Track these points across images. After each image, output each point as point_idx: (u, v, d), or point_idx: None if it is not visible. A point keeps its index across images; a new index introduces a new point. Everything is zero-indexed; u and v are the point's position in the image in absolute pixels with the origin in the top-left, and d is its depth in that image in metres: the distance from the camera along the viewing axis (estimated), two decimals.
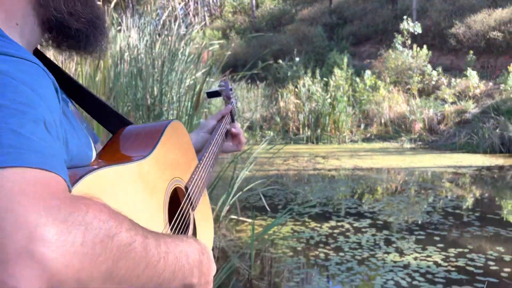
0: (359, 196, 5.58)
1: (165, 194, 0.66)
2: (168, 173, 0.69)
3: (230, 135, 1.15)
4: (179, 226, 0.71)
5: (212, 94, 1.25)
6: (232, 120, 1.19)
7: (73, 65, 2.57)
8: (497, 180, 6.62)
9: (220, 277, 3.11)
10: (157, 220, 0.62)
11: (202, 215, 0.85)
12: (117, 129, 0.75)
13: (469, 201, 5.25)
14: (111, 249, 0.39)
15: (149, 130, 0.72)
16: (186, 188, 0.75)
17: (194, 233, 0.78)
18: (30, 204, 0.35)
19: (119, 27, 4.00)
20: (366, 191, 5.96)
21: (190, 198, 0.76)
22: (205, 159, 0.89)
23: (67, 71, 3.00)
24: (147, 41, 3.16)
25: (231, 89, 1.27)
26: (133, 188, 0.57)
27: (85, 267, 0.36)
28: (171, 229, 0.68)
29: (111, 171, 0.53)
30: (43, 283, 0.33)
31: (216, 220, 3.84)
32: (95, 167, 0.51)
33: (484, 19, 14.09)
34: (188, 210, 0.76)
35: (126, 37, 3.70)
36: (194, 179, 0.79)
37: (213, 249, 2.73)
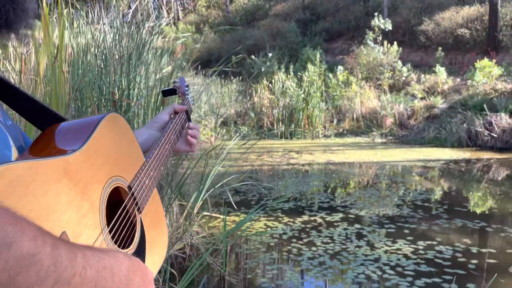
0: (332, 191, 5.63)
1: (101, 194, 0.59)
2: (105, 170, 0.62)
3: (185, 135, 1.08)
4: (121, 230, 0.65)
5: (168, 92, 1.19)
6: (188, 119, 1.12)
7: (33, 58, 2.46)
8: (464, 173, 6.82)
9: (192, 273, 3.06)
10: (90, 223, 0.55)
11: (152, 219, 0.77)
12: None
13: (438, 194, 5.38)
14: (7, 260, 0.33)
15: (82, 124, 0.65)
16: (130, 188, 0.69)
17: (142, 239, 0.70)
18: None
19: (86, 20, 3.86)
20: (339, 185, 6.02)
21: (135, 199, 0.70)
22: (154, 157, 0.82)
23: (27, 64, 2.87)
24: (115, 33, 3.06)
25: (187, 86, 1.21)
26: (56, 187, 0.50)
27: None
28: (112, 233, 0.61)
29: (20, 167, 0.46)
30: None
31: (188, 217, 3.78)
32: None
33: (452, 17, 14.47)
34: (133, 212, 0.70)
35: (94, 29, 3.57)
36: (140, 178, 0.73)
37: (184, 247, 2.65)
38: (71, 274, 0.39)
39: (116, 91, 2.65)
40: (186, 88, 1.20)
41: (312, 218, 4.28)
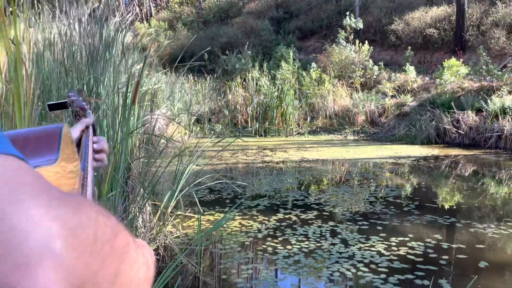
0: (306, 188, 5.66)
1: None
2: (68, 181, 0.60)
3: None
4: None
5: (55, 106, 1.06)
6: (94, 133, 1.06)
7: None
8: (433, 169, 6.99)
9: (167, 275, 3.00)
10: None
11: None
12: None
13: (408, 191, 5.49)
14: (116, 249, 0.32)
15: (40, 133, 0.60)
16: None
17: None
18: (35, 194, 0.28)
19: (53, 14, 3.71)
20: (313, 182, 6.06)
21: None
22: (86, 172, 0.78)
23: None
24: (80, 29, 2.94)
25: (83, 100, 1.14)
26: None
27: (100, 269, 0.29)
28: None
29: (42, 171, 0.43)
30: (66, 285, 0.26)
31: (161, 217, 3.70)
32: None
33: (421, 17, 14.82)
34: None
35: (61, 25, 3.43)
36: (85, 192, 0.69)
37: (158, 248, 2.59)
38: (141, 265, 0.37)
39: (85, 88, 2.55)
40: (84, 103, 1.11)
41: (287, 216, 4.28)
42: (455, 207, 4.78)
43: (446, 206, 4.79)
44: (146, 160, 3.72)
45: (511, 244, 3.55)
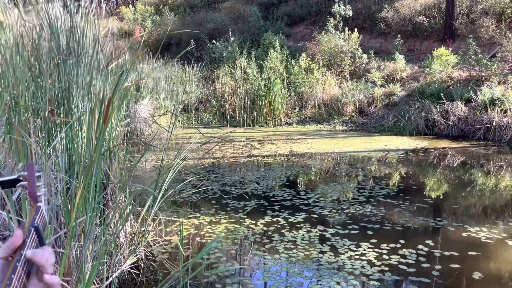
0: (294, 186, 5.52)
1: None
2: None
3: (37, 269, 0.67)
4: None
5: (7, 184, 0.74)
6: (41, 241, 0.69)
7: None
8: (422, 164, 6.91)
9: None
10: None
11: None
12: None
13: (398, 189, 5.38)
14: None
15: None
16: None
17: None
18: None
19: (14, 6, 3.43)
20: (301, 180, 5.93)
21: None
22: None
23: None
24: (53, 24, 2.68)
25: (39, 177, 0.75)
26: None
27: None
28: None
29: None
30: None
31: (143, 223, 3.53)
32: None
33: (411, 4, 14.62)
34: None
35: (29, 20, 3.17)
36: None
37: (138, 260, 2.38)
38: None
39: (53, 98, 2.33)
40: (39, 185, 0.75)
41: (274, 219, 4.14)
42: (446, 207, 4.69)
43: (437, 206, 4.70)
44: (127, 156, 3.50)
45: (504, 251, 3.46)
